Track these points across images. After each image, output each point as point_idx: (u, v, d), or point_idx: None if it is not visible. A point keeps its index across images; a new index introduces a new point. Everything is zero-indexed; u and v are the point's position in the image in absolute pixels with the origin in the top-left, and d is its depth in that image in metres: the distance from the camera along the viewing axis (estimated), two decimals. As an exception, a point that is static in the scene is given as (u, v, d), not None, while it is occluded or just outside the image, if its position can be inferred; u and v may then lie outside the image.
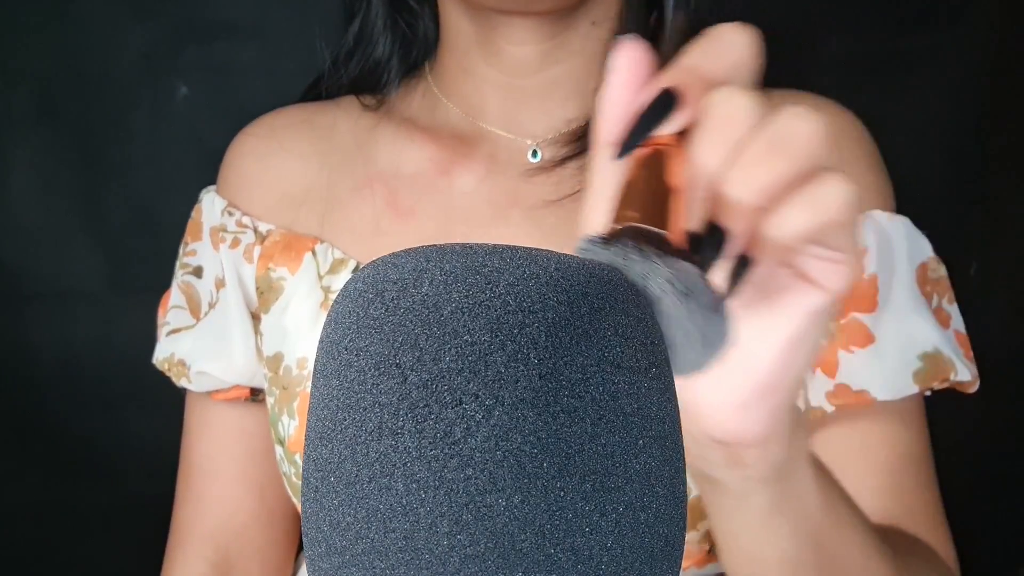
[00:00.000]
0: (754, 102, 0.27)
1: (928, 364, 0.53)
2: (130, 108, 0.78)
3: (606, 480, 0.21)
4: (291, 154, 0.61)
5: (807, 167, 0.27)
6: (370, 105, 0.62)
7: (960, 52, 0.77)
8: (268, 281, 0.58)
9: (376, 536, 0.21)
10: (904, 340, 0.54)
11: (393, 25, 0.62)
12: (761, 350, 0.31)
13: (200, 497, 0.62)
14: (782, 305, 0.30)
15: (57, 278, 0.81)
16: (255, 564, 0.63)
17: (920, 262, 0.56)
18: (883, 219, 0.56)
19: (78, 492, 0.85)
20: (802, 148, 0.27)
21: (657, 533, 0.22)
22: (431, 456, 0.21)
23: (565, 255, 0.24)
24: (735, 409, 0.32)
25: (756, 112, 0.27)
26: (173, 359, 0.60)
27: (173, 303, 0.63)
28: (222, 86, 0.78)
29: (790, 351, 0.31)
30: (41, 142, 0.79)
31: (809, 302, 0.30)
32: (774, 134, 0.27)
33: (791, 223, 0.27)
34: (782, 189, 0.27)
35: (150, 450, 0.77)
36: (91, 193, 0.80)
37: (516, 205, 0.56)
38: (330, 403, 0.23)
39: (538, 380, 0.21)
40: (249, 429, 0.62)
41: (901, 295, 0.55)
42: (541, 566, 0.20)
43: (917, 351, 0.53)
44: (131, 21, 0.77)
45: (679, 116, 0.28)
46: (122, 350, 0.81)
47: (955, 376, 0.54)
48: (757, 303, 0.31)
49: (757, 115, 0.27)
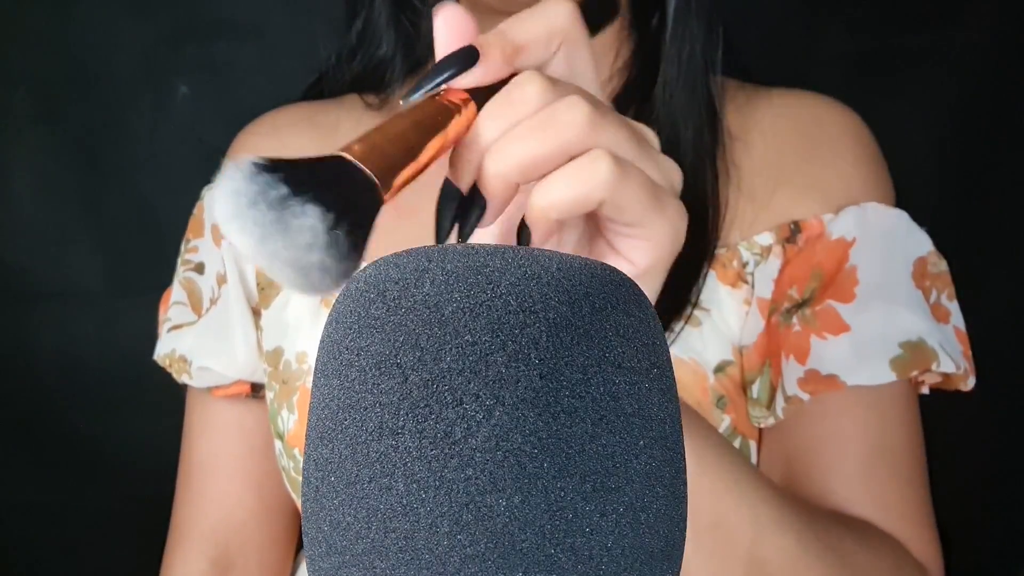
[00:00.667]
0: (545, 90, 0.30)
1: (908, 352, 0.52)
2: (130, 108, 0.78)
3: (606, 480, 0.21)
4: (294, 152, 0.61)
5: (569, 147, 0.29)
6: (373, 104, 0.62)
7: (960, 52, 0.77)
8: (269, 277, 0.59)
9: (376, 536, 0.21)
10: (886, 328, 0.52)
11: (397, 24, 0.62)
12: None
13: (200, 494, 0.62)
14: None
15: (57, 278, 0.81)
16: (254, 561, 0.63)
17: (918, 256, 0.56)
18: (880, 212, 0.56)
19: (78, 492, 0.85)
20: (565, 129, 0.29)
21: (657, 533, 0.22)
22: (432, 456, 0.21)
23: (567, 255, 0.24)
24: None
25: (544, 99, 0.30)
26: (174, 355, 0.61)
27: (175, 299, 0.63)
28: (222, 86, 0.78)
29: None
30: (41, 142, 0.79)
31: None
32: (544, 115, 0.29)
33: (548, 196, 0.29)
34: (540, 165, 0.29)
35: (150, 450, 0.77)
36: (91, 193, 0.80)
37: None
38: (331, 402, 0.23)
39: (539, 380, 0.21)
40: (249, 426, 0.62)
41: (891, 286, 0.54)
42: (541, 566, 0.20)
43: (899, 339, 0.52)
44: (131, 21, 0.77)
45: (473, 74, 0.30)
46: (122, 350, 0.81)
47: (937, 366, 0.52)
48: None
49: (544, 98, 0.30)
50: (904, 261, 0.55)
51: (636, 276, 0.32)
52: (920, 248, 0.56)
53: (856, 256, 0.54)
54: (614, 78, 0.57)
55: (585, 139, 0.29)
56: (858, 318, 0.52)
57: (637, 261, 0.32)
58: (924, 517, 0.53)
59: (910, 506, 0.53)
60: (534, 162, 0.29)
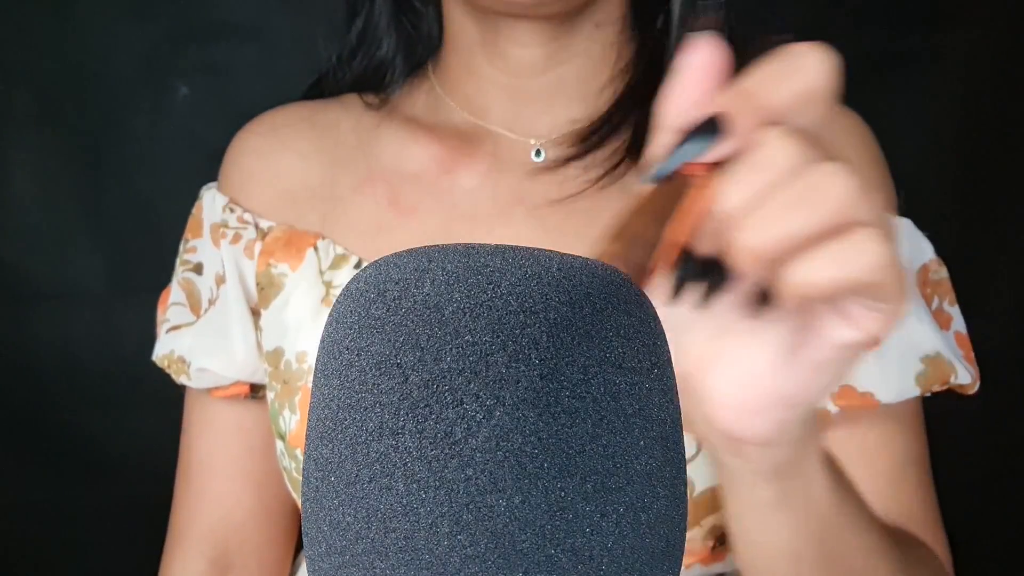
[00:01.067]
0: (799, 150, 0.26)
1: (929, 367, 0.53)
2: (130, 108, 0.78)
3: (607, 480, 0.21)
4: (293, 152, 0.61)
5: (834, 223, 0.26)
6: (373, 104, 0.62)
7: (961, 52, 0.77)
8: (269, 277, 0.58)
9: (376, 536, 0.21)
10: (905, 343, 0.53)
11: (397, 24, 0.62)
12: (788, 368, 0.32)
13: (199, 494, 0.62)
14: (817, 332, 0.30)
15: (57, 278, 0.81)
16: (253, 561, 0.63)
17: (921, 264, 0.56)
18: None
19: (78, 492, 0.85)
20: (830, 203, 0.26)
21: (658, 533, 0.22)
22: (432, 456, 0.20)
23: (567, 255, 0.24)
24: (745, 412, 0.33)
25: (798, 161, 0.26)
26: (173, 356, 0.60)
27: (173, 300, 0.63)
28: (222, 86, 0.78)
29: (815, 374, 0.32)
30: (41, 142, 0.79)
31: (843, 337, 0.30)
32: (804, 186, 0.26)
33: (810, 276, 0.27)
34: (802, 242, 0.27)
35: (150, 450, 0.77)
36: (91, 193, 0.80)
37: (519, 204, 0.56)
38: (331, 403, 0.23)
39: (539, 380, 0.21)
40: (248, 427, 0.62)
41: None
42: (542, 566, 0.20)
43: (919, 354, 0.53)
44: (131, 21, 0.77)
45: (721, 146, 0.28)
46: (122, 350, 0.81)
47: (955, 379, 0.54)
48: (793, 326, 0.31)
49: (799, 164, 0.26)
50: (911, 269, 0.55)
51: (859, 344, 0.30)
52: (923, 256, 0.57)
53: None
54: (615, 80, 0.57)
55: (851, 214, 0.26)
56: None
57: (870, 331, 0.29)
58: (938, 521, 0.56)
59: (930, 514, 0.55)
60: (795, 240, 0.26)
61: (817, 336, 0.31)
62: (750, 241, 0.27)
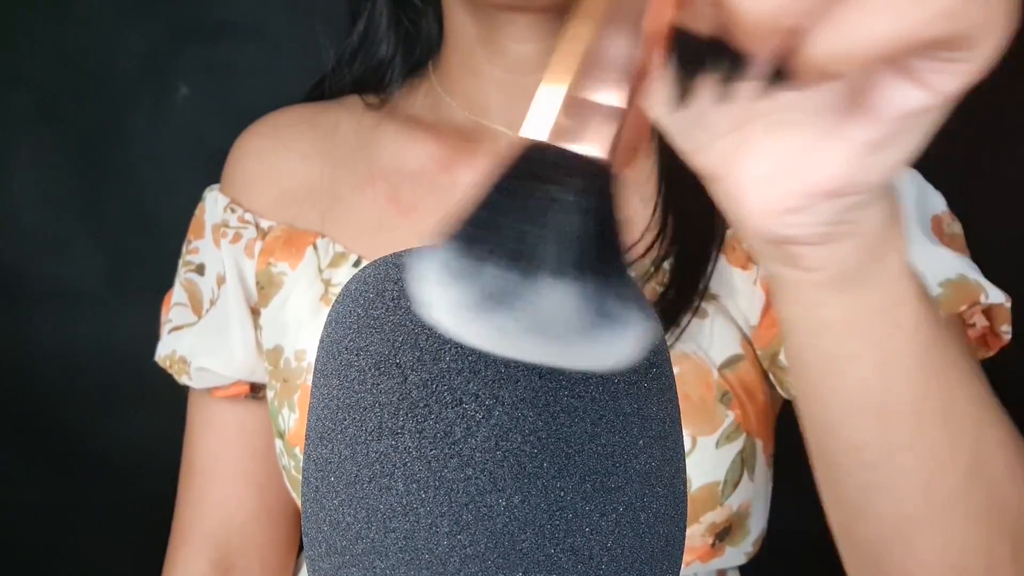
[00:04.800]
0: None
1: (951, 290, 0.48)
2: (130, 108, 0.78)
3: (606, 480, 0.21)
4: (294, 152, 0.61)
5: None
6: (373, 104, 0.62)
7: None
8: (268, 276, 0.59)
9: (376, 536, 0.21)
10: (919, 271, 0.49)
11: (397, 24, 0.62)
12: (831, 151, 0.25)
13: (201, 495, 0.62)
14: (868, 101, 0.24)
15: (58, 278, 0.81)
16: (256, 562, 0.63)
17: (933, 213, 0.54)
18: None
19: (78, 492, 0.85)
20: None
21: (657, 533, 0.22)
22: (431, 456, 0.20)
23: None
24: (783, 210, 0.26)
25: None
26: (174, 356, 0.61)
27: (176, 300, 0.63)
28: (222, 86, 0.78)
29: (870, 155, 0.25)
30: (41, 142, 0.79)
31: (906, 102, 0.23)
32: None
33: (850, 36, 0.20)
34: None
35: (150, 450, 0.77)
36: (92, 193, 0.80)
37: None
38: (330, 402, 0.23)
39: (538, 380, 0.21)
40: (249, 427, 0.62)
41: (912, 233, 0.50)
42: (541, 566, 0.20)
43: (937, 279, 0.48)
44: (131, 21, 0.77)
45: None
46: (122, 350, 0.81)
47: (986, 299, 0.48)
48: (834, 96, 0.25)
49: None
50: (922, 214, 0.52)
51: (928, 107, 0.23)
52: (935, 206, 0.54)
53: None
54: None
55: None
56: None
57: (944, 89, 0.22)
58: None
59: None
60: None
61: (869, 107, 0.24)
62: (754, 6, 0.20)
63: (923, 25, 0.19)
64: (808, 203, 0.26)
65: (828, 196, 0.26)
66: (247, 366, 0.60)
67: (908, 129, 0.24)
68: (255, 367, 0.60)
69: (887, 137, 0.24)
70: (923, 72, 0.22)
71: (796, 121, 0.26)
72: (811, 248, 0.28)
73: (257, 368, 0.60)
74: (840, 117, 0.24)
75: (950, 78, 0.22)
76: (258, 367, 0.60)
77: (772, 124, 0.26)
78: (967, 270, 0.49)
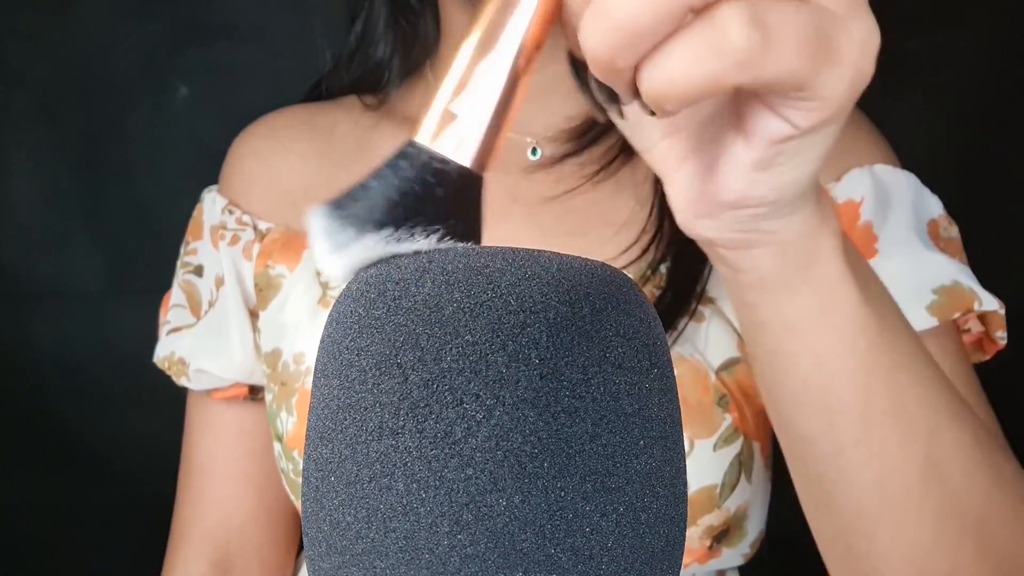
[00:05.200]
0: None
1: (945, 297, 0.49)
2: (130, 109, 0.78)
3: (607, 480, 0.21)
4: (292, 154, 0.61)
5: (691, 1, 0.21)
6: (371, 104, 0.62)
7: (961, 53, 0.77)
8: (267, 278, 0.59)
9: (376, 536, 0.21)
10: (914, 277, 0.49)
11: (395, 25, 0.62)
12: (725, 168, 0.28)
13: (200, 496, 0.62)
14: (746, 130, 0.26)
15: (57, 278, 0.81)
16: (255, 563, 0.63)
17: (930, 218, 0.54)
18: (888, 172, 0.54)
19: (77, 492, 0.85)
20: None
21: (658, 533, 0.22)
22: (432, 456, 0.20)
23: (567, 256, 0.24)
24: (696, 216, 0.30)
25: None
26: (173, 357, 0.61)
27: (174, 302, 0.63)
28: (222, 86, 0.78)
29: (761, 173, 0.27)
30: (41, 142, 0.79)
31: (773, 131, 0.26)
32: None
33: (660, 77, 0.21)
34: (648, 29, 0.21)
35: (150, 450, 0.77)
36: (91, 193, 0.80)
37: (516, 202, 0.56)
38: (331, 403, 0.23)
39: (539, 380, 0.21)
40: (248, 428, 0.62)
41: (910, 237, 0.51)
42: (541, 566, 0.20)
43: (931, 286, 0.49)
44: (131, 21, 0.77)
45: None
46: (122, 350, 0.81)
47: (979, 306, 0.49)
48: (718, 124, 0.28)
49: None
50: (918, 218, 0.53)
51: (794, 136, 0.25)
52: (932, 210, 0.55)
53: (868, 213, 0.51)
54: None
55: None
56: (884, 271, 0.48)
57: (800, 124, 0.25)
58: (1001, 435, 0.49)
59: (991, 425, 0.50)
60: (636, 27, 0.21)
61: (748, 132, 0.26)
62: (589, 37, 0.21)
63: (722, 73, 0.21)
64: (715, 211, 0.29)
65: (728, 207, 0.28)
66: (246, 368, 0.60)
67: (789, 153, 0.27)
68: (253, 369, 0.60)
69: (768, 159, 0.27)
70: (779, 107, 0.25)
71: (694, 142, 0.29)
72: (729, 251, 0.31)
73: (256, 370, 0.60)
74: (728, 142, 0.27)
75: (803, 115, 0.24)
76: (256, 369, 0.60)
77: (692, 135, 0.29)
78: (961, 276, 0.49)
